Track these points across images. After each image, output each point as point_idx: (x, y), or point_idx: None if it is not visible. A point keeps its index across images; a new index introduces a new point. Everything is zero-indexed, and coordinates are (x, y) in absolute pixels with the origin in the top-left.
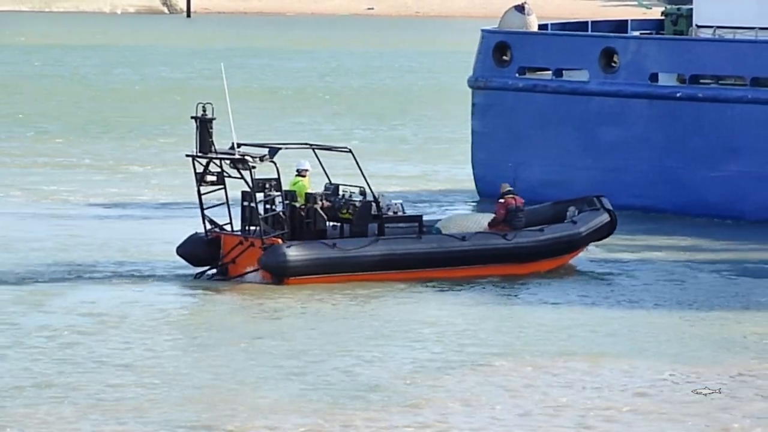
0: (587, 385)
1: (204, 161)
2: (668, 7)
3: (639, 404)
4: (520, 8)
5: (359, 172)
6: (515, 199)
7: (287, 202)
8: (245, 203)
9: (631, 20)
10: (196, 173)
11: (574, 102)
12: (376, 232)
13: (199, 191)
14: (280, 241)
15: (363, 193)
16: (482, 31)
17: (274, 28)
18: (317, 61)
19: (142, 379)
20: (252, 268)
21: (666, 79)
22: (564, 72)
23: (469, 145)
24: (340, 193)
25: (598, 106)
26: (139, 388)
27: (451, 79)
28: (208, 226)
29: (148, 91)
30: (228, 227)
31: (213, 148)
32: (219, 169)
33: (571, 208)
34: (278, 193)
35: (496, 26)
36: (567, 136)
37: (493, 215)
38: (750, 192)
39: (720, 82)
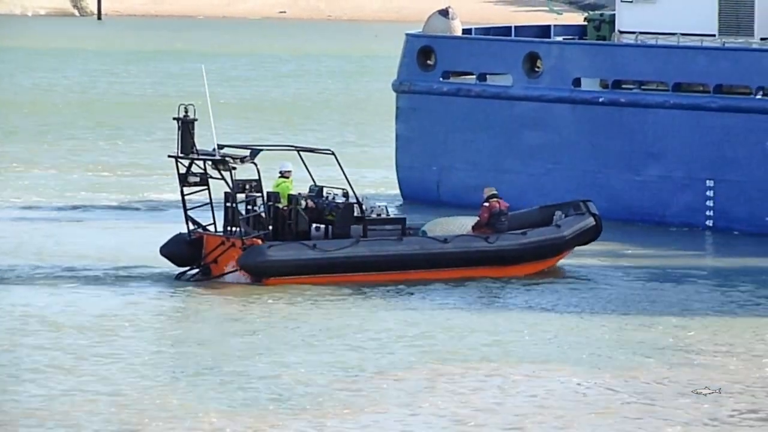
0: (498, 391)
1: (186, 162)
2: (591, 12)
3: (553, 409)
4: (445, 12)
5: (335, 174)
6: (499, 203)
7: (270, 203)
8: (228, 204)
9: (554, 26)
10: (179, 174)
11: (498, 106)
12: (361, 234)
13: (182, 192)
14: (260, 241)
15: (346, 195)
16: (407, 35)
17: (185, 32)
18: (226, 65)
19: (61, 383)
20: (232, 268)
21: (589, 84)
22: (488, 76)
23: (393, 149)
24: (324, 194)
25: (522, 110)
26: (60, 395)
27: (370, 82)
28: (191, 227)
29: (55, 94)
30: (212, 227)
31: (195, 149)
32: (202, 170)
33: (558, 212)
34: (258, 194)
35: (420, 30)
36: (491, 140)
37: (477, 218)
38: (671, 197)
39: (642, 87)
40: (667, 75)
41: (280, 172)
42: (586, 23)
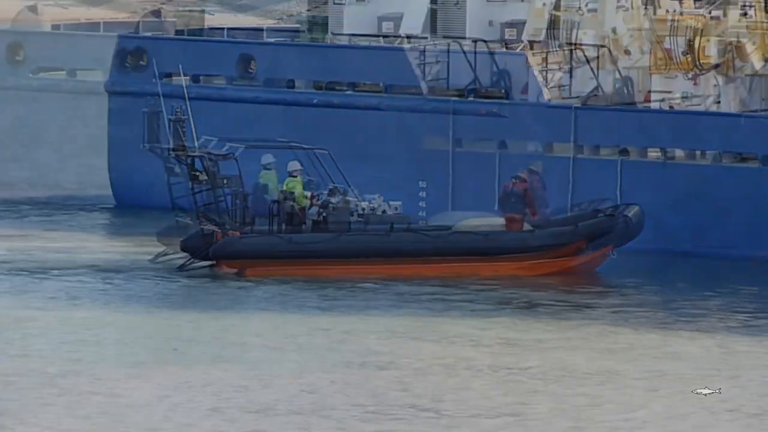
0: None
1: (189, 160)
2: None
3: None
4: (157, 13)
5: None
6: (515, 184)
7: (276, 199)
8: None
9: (267, 27)
10: (189, 172)
11: (211, 107)
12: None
13: (192, 189)
14: (238, 233)
15: (344, 192)
16: (119, 36)
17: None
18: None
19: None
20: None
21: (303, 86)
22: (202, 78)
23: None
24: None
25: (236, 111)
26: None
27: None
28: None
29: None
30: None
31: (185, 147)
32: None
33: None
34: (241, 189)
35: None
36: None
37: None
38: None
39: (356, 89)
40: (379, 77)
41: (288, 172)
42: (298, 26)
